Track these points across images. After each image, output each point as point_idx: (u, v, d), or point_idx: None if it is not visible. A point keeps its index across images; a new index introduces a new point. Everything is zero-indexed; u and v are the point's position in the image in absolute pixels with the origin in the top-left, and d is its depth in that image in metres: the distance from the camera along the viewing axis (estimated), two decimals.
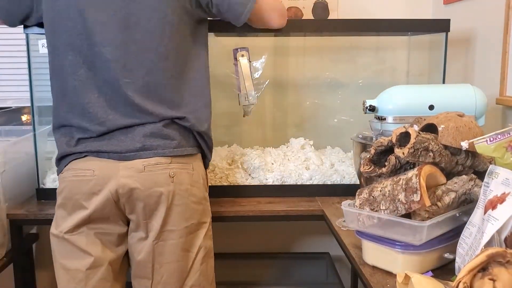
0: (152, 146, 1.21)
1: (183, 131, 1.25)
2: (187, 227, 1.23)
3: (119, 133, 1.21)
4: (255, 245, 2.15)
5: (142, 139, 1.20)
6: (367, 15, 1.91)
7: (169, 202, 1.20)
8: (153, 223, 1.21)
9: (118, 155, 1.20)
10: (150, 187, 1.19)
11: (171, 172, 1.21)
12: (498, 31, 1.54)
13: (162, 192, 1.20)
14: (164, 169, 1.21)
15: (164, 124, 1.22)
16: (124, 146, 1.20)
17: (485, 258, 0.75)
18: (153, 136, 1.21)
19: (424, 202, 0.95)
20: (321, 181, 1.66)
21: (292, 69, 2.05)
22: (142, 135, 1.20)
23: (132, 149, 1.20)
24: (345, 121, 2.00)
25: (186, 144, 1.26)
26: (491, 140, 0.90)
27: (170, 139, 1.22)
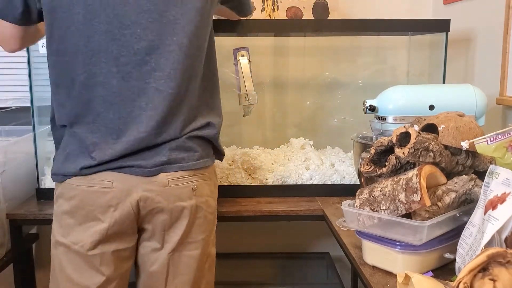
0: (177, 159, 1.15)
1: (202, 141, 1.21)
2: (203, 239, 1.20)
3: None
4: (255, 245, 2.15)
5: (168, 153, 1.14)
6: (367, 15, 1.91)
7: (191, 216, 1.16)
8: (172, 235, 1.16)
9: (142, 170, 1.12)
10: (174, 202, 1.14)
11: (194, 185, 1.17)
12: (498, 31, 1.54)
13: (185, 207, 1.15)
14: (188, 182, 1.16)
15: (187, 136, 1.17)
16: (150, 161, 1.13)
17: (485, 258, 0.75)
18: (178, 150, 1.15)
19: (425, 202, 0.95)
20: (321, 181, 1.66)
21: (292, 69, 2.05)
22: (168, 149, 1.14)
23: (158, 163, 1.13)
24: (345, 121, 2.00)
25: (206, 155, 1.21)
26: (492, 140, 0.90)
27: (193, 151, 1.17)
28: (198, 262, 1.20)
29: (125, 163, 1.11)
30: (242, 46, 1.60)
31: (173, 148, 1.14)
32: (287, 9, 2.02)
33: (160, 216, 1.14)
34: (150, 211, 1.13)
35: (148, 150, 1.12)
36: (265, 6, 2.01)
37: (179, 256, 1.18)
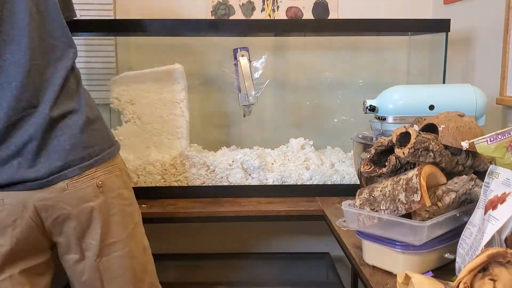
0: (75, 161, 1.05)
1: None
2: (129, 234, 1.14)
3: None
4: (255, 245, 2.15)
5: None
6: (367, 15, 1.91)
7: (104, 216, 1.08)
8: (89, 241, 1.09)
9: (32, 184, 1.02)
10: (78, 205, 1.05)
11: (98, 182, 1.08)
12: (498, 31, 1.54)
13: (93, 207, 1.07)
14: (90, 179, 1.07)
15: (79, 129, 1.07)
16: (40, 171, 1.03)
17: (485, 258, 0.75)
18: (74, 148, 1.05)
19: (425, 202, 0.95)
20: (321, 181, 1.66)
21: (292, 69, 2.05)
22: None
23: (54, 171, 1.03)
24: (345, 121, 2.00)
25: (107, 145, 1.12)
26: (492, 140, 0.90)
27: (91, 146, 1.08)
28: (131, 260, 1.15)
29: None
30: (242, 46, 1.60)
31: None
32: (287, 9, 2.02)
33: (69, 224, 1.07)
34: (54, 221, 1.06)
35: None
36: (265, 6, 2.01)
37: (109, 260, 1.11)
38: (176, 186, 1.63)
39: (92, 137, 1.09)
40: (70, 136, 1.05)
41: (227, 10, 2.00)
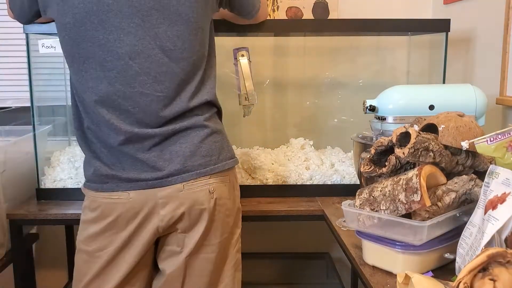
0: (194, 166, 1.16)
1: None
2: (220, 242, 1.19)
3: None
4: (255, 245, 2.15)
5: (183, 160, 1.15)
6: (367, 15, 1.91)
7: (210, 218, 1.16)
8: (191, 238, 1.16)
9: (153, 182, 1.14)
10: (192, 205, 1.14)
11: (211, 188, 1.16)
12: (498, 31, 1.54)
13: (204, 209, 1.15)
14: (204, 185, 1.16)
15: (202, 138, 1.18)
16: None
17: (485, 258, 0.75)
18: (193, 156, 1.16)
19: (425, 202, 0.95)
20: (321, 181, 1.66)
21: (292, 69, 2.05)
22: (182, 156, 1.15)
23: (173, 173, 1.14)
24: (345, 121, 2.00)
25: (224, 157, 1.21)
26: (492, 140, 0.90)
27: (209, 156, 1.18)
28: (214, 266, 1.19)
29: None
30: (242, 46, 1.60)
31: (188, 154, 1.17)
32: (287, 9, 2.02)
33: (181, 221, 1.15)
34: (172, 218, 1.15)
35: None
36: None
37: (196, 259, 1.17)
38: None
39: (210, 147, 1.18)
40: (191, 145, 1.15)
41: None
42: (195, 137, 1.16)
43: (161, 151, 1.13)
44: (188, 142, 1.15)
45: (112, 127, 1.11)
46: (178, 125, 1.14)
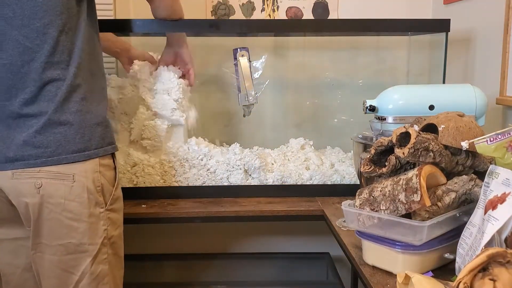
0: (24, 156, 1.10)
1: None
2: (62, 245, 1.12)
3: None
4: (255, 245, 2.15)
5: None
6: (367, 15, 1.91)
7: (35, 216, 1.11)
8: (28, 230, 1.14)
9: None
10: (17, 196, 1.11)
11: (38, 182, 1.10)
12: (498, 31, 1.54)
13: (27, 203, 1.10)
14: (30, 177, 1.10)
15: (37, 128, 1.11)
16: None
17: (485, 258, 0.75)
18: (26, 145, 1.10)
19: (425, 202, 0.95)
20: (321, 181, 1.66)
21: (292, 69, 2.05)
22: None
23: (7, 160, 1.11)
24: (345, 121, 2.00)
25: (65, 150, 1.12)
26: (492, 140, 0.90)
27: (43, 147, 1.10)
28: (61, 271, 1.14)
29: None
30: (242, 46, 1.60)
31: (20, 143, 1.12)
32: (287, 9, 2.02)
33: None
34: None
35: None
36: (265, 6, 2.01)
37: (42, 258, 1.14)
38: (176, 186, 1.62)
39: (47, 138, 1.11)
40: (27, 134, 1.10)
41: (227, 10, 2.01)
42: (33, 125, 1.10)
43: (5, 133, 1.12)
44: (24, 131, 1.10)
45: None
46: (24, 109, 1.10)
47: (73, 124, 1.12)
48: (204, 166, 1.63)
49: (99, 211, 1.15)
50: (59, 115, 1.11)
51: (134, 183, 1.62)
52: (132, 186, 1.62)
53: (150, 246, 2.09)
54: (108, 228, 1.17)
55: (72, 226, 1.12)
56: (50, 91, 1.11)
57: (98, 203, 1.15)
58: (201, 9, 1.99)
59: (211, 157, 1.64)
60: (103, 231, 1.16)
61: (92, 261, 1.15)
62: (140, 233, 2.07)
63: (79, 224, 1.13)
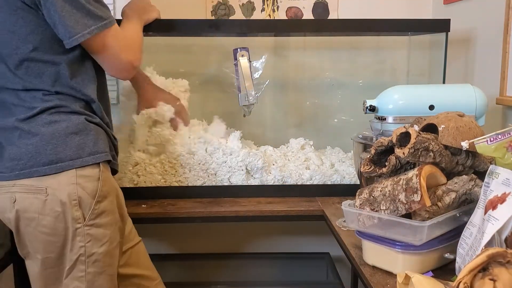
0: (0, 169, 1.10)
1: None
2: (42, 260, 1.11)
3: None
4: (255, 245, 2.15)
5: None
6: (367, 15, 1.91)
7: (16, 229, 1.11)
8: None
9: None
10: (1, 212, 1.12)
11: (12, 197, 1.08)
12: (498, 31, 1.54)
13: (9, 218, 1.10)
14: (6, 192, 1.09)
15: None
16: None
17: (485, 258, 0.75)
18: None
19: (425, 202, 0.95)
20: (321, 181, 1.66)
21: (292, 69, 2.05)
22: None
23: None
24: (345, 121, 2.00)
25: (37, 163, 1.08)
26: (492, 140, 0.90)
27: (17, 159, 1.08)
28: (45, 284, 1.13)
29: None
30: (242, 46, 1.60)
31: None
32: (287, 9, 2.02)
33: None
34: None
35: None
36: (265, 6, 2.01)
37: (31, 265, 1.14)
38: (176, 186, 1.62)
39: (20, 150, 1.09)
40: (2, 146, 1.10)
41: (227, 10, 2.01)
42: (8, 137, 1.10)
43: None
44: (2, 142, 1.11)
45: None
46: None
47: (44, 134, 1.09)
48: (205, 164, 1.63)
49: (75, 227, 1.10)
50: (31, 126, 1.09)
51: (135, 183, 1.62)
52: (132, 186, 1.62)
53: (150, 246, 2.09)
54: (87, 245, 1.11)
55: (49, 241, 1.10)
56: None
57: (74, 218, 1.09)
58: (201, 9, 1.99)
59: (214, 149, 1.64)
60: (79, 248, 1.11)
61: (70, 277, 1.12)
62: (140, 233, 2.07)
63: (55, 239, 1.10)
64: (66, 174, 1.09)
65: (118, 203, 1.21)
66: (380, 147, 1.08)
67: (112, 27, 1.15)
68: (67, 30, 1.08)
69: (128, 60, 1.20)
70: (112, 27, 1.15)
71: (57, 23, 1.07)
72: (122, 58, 1.19)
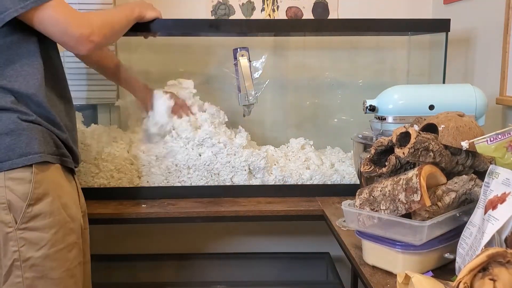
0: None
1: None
2: (8, 265, 1.09)
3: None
4: (255, 245, 2.15)
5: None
6: (367, 15, 1.91)
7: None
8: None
9: None
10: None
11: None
12: (498, 31, 1.54)
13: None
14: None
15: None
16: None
17: (485, 258, 0.75)
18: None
19: (425, 202, 0.95)
20: (321, 181, 1.66)
21: (292, 69, 2.05)
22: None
23: None
24: (345, 121, 2.00)
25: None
26: (492, 140, 0.90)
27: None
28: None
29: None
30: (242, 46, 1.60)
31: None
32: (287, 9, 2.02)
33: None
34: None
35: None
36: (265, 6, 2.01)
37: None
38: (176, 186, 1.62)
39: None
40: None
41: (227, 10, 2.01)
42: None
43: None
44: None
45: None
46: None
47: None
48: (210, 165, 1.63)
49: (5, 231, 1.07)
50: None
51: (136, 183, 1.62)
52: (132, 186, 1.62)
53: (150, 246, 2.09)
54: (22, 249, 1.07)
55: (9, 238, 1.07)
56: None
57: (4, 221, 1.07)
58: (201, 9, 1.99)
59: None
60: (12, 253, 1.07)
61: (3, 283, 1.08)
62: (140, 233, 2.07)
63: (14, 234, 1.07)
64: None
65: (64, 204, 1.15)
66: (380, 147, 1.08)
67: (53, 1, 1.10)
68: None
69: (81, 33, 1.14)
70: (52, 0, 1.09)
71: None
72: (71, 31, 1.13)
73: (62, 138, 1.17)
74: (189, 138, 1.61)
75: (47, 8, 1.09)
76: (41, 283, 1.09)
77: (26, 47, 1.12)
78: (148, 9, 1.43)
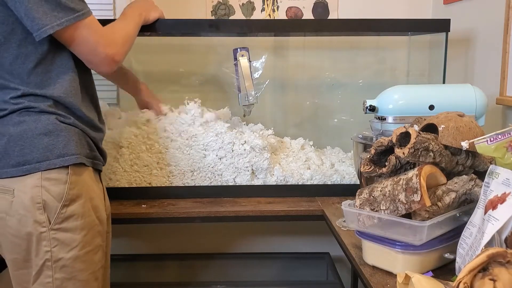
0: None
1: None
2: (12, 260, 1.10)
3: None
4: (255, 245, 2.15)
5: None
6: (367, 15, 1.91)
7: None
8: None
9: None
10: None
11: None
12: (498, 31, 1.54)
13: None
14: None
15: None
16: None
17: (485, 258, 0.75)
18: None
19: (425, 202, 0.95)
20: (321, 181, 1.66)
21: (292, 69, 2.05)
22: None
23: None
24: (345, 121, 2.00)
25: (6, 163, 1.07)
26: (492, 140, 0.90)
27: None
28: (17, 285, 1.12)
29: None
30: (242, 46, 1.60)
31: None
32: (287, 9, 2.02)
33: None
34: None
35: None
36: (265, 6, 2.01)
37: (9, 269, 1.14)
38: (176, 186, 1.62)
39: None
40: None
41: (227, 10, 2.01)
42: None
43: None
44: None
45: None
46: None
47: (13, 135, 1.08)
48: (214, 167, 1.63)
49: (39, 231, 1.07)
50: (1, 127, 1.09)
51: (137, 183, 1.62)
52: (132, 186, 1.62)
53: (150, 246, 2.09)
54: (54, 250, 1.08)
55: (14, 243, 1.08)
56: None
57: (38, 221, 1.07)
58: (201, 9, 1.99)
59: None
60: (44, 253, 1.08)
61: (37, 284, 1.09)
62: (140, 233, 2.07)
63: (20, 241, 1.08)
64: (31, 176, 1.07)
65: (94, 206, 1.16)
66: (380, 147, 1.08)
67: (86, 19, 1.11)
68: (34, 22, 1.04)
69: (107, 53, 1.15)
70: (85, 19, 1.11)
71: (23, 15, 1.04)
72: (99, 51, 1.14)
73: (95, 140, 1.20)
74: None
75: (80, 27, 1.10)
76: (69, 285, 1.10)
77: (59, 56, 1.14)
78: (151, 11, 1.44)
